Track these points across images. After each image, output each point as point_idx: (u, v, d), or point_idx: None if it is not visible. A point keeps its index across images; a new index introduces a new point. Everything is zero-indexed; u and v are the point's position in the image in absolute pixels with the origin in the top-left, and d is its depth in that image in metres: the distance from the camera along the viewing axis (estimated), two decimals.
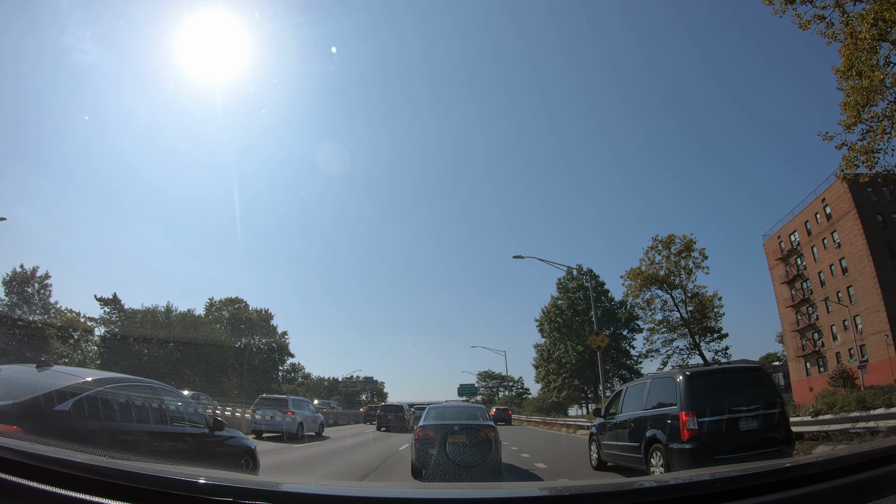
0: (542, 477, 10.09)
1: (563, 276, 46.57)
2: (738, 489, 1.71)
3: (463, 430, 9.20)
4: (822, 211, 56.18)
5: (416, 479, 9.09)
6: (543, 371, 47.79)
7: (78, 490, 1.61)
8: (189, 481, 1.67)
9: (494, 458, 9.00)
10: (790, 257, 61.46)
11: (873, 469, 1.83)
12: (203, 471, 2.06)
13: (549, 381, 46.67)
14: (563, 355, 44.08)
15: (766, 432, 7.78)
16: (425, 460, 8.99)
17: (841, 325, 53.30)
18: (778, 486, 1.71)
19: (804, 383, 57.55)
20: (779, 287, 63.48)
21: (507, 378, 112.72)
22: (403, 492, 2.37)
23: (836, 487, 1.74)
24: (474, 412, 10.87)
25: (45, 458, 1.76)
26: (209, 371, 55.65)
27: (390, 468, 11.32)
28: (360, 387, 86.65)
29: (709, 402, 7.79)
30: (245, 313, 66.29)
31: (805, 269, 58.88)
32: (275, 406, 19.91)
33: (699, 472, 2.09)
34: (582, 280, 45.43)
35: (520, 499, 1.96)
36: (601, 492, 1.82)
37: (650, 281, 40.23)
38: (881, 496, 1.73)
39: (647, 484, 2.01)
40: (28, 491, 1.64)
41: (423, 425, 9.64)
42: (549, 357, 46.71)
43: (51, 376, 4.72)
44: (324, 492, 1.89)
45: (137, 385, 5.48)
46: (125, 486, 1.62)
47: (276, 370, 67.02)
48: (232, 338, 65.87)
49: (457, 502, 1.94)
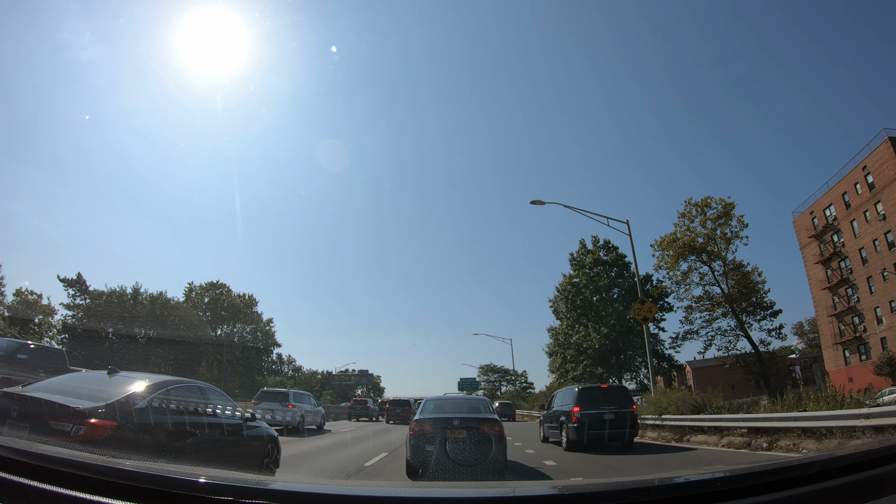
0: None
1: (577, 249, 41.14)
2: (737, 488, 1.71)
3: (464, 425, 8.59)
4: (862, 180, 50.53)
5: (413, 479, 8.41)
6: (559, 359, 41.68)
7: (79, 489, 1.61)
8: (189, 480, 1.69)
9: (499, 455, 8.38)
10: (825, 234, 55.81)
11: (873, 468, 1.81)
12: (203, 470, 2.11)
13: (565, 370, 40.95)
14: (584, 339, 38.32)
15: (619, 421, 13.87)
16: (422, 458, 8.32)
17: (887, 307, 47.73)
18: (777, 486, 1.71)
19: (842, 373, 51.83)
20: (812, 268, 57.82)
21: (510, 372, 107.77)
22: (403, 491, 2.42)
23: (835, 487, 1.73)
24: (476, 405, 10.25)
25: (46, 457, 1.78)
26: (182, 361, 49.86)
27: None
28: (354, 380, 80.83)
29: (588, 403, 14.14)
30: (227, 299, 60.44)
31: (843, 247, 53.24)
32: (275, 399, 20.19)
33: (699, 473, 2.24)
34: (599, 253, 39.65)
35: (520, 498, 2.00)
36: (601, 491, 1.88)
37: (687, 250, 34.47)
38: (881, 496, 1.71)
39: (647, 483, 1.91)
40: (29, 490, 1.64)
41: (420, 419, 8.91)
42: (566, 342, 40.80)
43: (122, 380, 6.10)
44: (323, 491, 1.92)
45: (189, 386, 7.18)
46: (126, 486, 1.62)
47: (261, 361, 61.10)
48: (212, 325, 60.13)
49: (456, 501, 1.95)
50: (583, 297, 39.32)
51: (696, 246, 34.53)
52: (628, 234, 21.95)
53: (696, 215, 36.88)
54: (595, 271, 39.23)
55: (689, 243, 34.49)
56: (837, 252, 53.92)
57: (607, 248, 39.54)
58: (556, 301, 43.19)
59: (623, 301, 37.65)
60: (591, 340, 36.85)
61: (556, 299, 42.70)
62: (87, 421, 5.03)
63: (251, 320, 61.31)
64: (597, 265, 39.88)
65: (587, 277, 38.80)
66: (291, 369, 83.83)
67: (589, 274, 39.53)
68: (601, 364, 37.36)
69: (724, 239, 36.08)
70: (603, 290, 37.93)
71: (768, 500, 1.65)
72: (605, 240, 39.70)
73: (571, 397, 14.70)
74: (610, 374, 37.99)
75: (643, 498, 1.74)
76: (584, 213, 22.19)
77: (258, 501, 1.57)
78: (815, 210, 57.19)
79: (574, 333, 39.39)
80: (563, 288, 40.74)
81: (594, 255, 39.76)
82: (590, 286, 38.21)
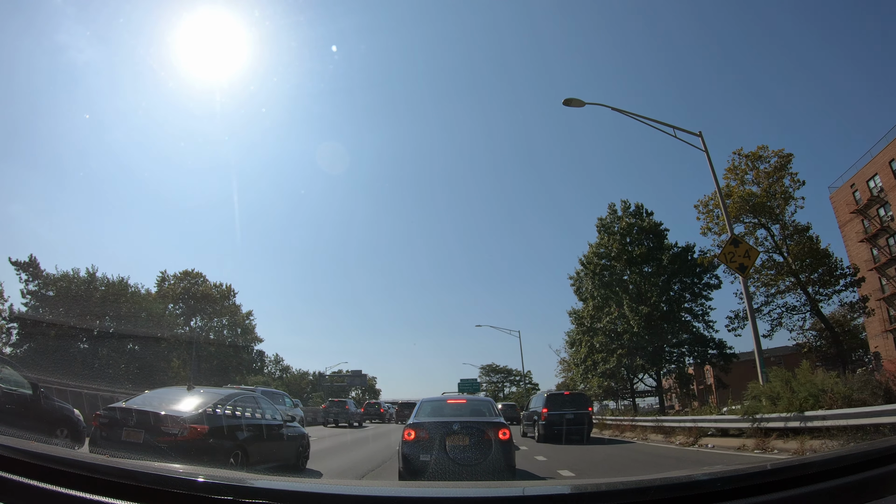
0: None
1: (606, 214, 34.58)
2: (737, 488, 1.70)
3: (466, 430, 7.41)
4: None
5: None
6: (585, 349, 34.71)
7: (79, 489, 1.60)
8: (189, 480, 1.67)
9: (506, 464, 7.32)
10: (870, 208, 49.93)
11: (873, 469, 1.80)
12: (203, 469, 2.07)
13: (594, 361, 33.64)
14: (619, 321, 31.46)
15: (578, 420, 18.09)
16: (417, 468, 7.20)
17: None
18: (777, 486, 1.70)
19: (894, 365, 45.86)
20: (854, 247, 51.82)
21: (513, 372, 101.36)
22: (405, 491, 2.47)
23: (835, 487, 1.72)
24: (479, 407, 8.85)
25: (46, 456, 1.75)
26: (146, 358, 43.29)
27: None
28: (346, 381, 74.26)
29: (554, 405, 18.74)
30: (201, 288, 53.85)
31: (892, 220, 47.38)
32: None
33: (699, 473, 2.15)
34: (632, 219, 33.16)
35: (520, 498, 1.94)
36: (601, 491, 1.89)
37: (745, 207, 28.35)
38: (881, 496, 1.70)
39: (647, 483, 1.92)
40: (29, 490, 1.63)
41: (415, 423, 7.68)
42: (592, 328, 33.94)
43: (201, 393, 7.80)
44: (323, 490, 1.89)
45: (247, 396, 9.10)
46: (126, 485, 1.61)
47: (239, 358, 54.40)
48: (185, 318, 53.57)
49: (456, 501, 1.92)
50: (614, 271, 32.89)
51: (755, 201, 28.40)
52: (703, 147, 15.87)
53: (746, 169, 30.86)
54: (629, 239, 32.70)
55: (745, 198, 28.36)
56: (885, 227, 48.06)
57: (640, 214, 33.17)
58: (578, 278, 36.51)
59: (661, 276, 31.33)
60: (629, 323, 30.23)
61: (579, 276, 35.91)
62: (189, 426, 6.71)
63: (228, 313, 54.64)
64: (630, 230, 33.26)
65: (619, 246, 32.33)
66: (279, 369, 77.29)
67: (621, 242, 32.98)
68: (639, 352, 30.69)
69: (783, 197, 30.02)
70: (639, 261, 31.52)
71: (768, 500, 1.64)
72: (636, 204, 33.50)
73: (542, 401, 19.75)
74: (652, 365, 31.36)
75: (643, 498, 1.73)
76: (642, 119, 16.05)
77: (258, 501, 1.57)
78: (857, 182, 51.37)
79: (604, 316, 32.99)
80: (588, 260, 34.12)
81: (624, 220, 33.23)
82: (622, 256, 31.74)
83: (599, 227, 34.66)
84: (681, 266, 31.02)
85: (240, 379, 50.34)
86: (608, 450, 15.55)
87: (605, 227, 34.45)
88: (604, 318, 32.82)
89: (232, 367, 51.16)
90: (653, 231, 32.64)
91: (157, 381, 41.23)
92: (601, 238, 34.16)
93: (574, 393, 22.37)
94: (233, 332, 57.65)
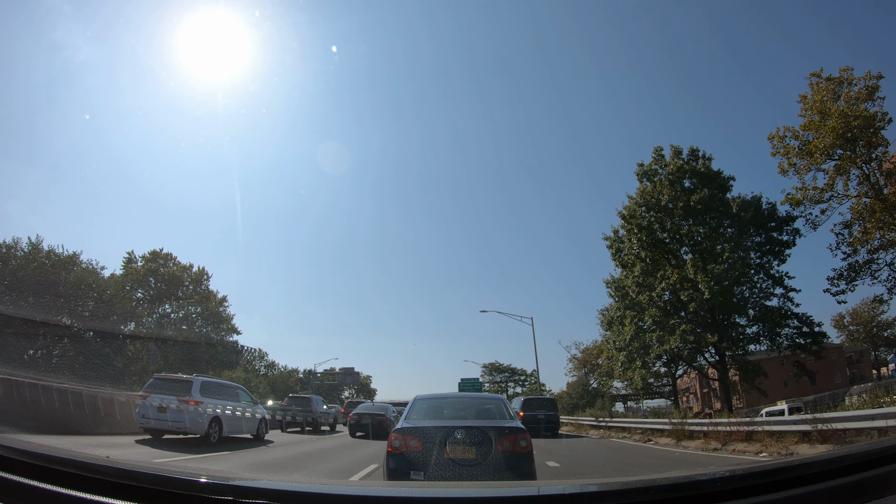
0: None
1: (650, 160, 27.43)
2: (738, 488, 1.70)
3: (470, 438, 5.52)
4: None
5: None
6: (631, 328, 27.39)
7: (79, 489, 1.58)
8: (189, 480, 1.66)
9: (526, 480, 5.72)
10: None
11: (873, 469, 1.78)
12: (203, 470, 2.09)
13: (642, 344, 26.89)
14: (682, 285, 24.26)
15: (547, 420, 25.04)
16: None
17: None
18: (778, 486, 1.69)
19: None
20: None
21: (518, 371, 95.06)
22: (402, 490, 2.42)
23: (835, 487, 1.71)
24: (487, 407, 7.13)
25: (47, 457, 1.73)
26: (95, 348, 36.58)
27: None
28: (337, 379, 67.48)
29: (529, 407, 25.67)
30: (170, 269, 47.10)
31: None
32: (171, 390, 13.96)
33: (699, 473, 2.11)
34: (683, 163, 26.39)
35: (520, 498, 1.93)
36: (601, 491, 1.91)
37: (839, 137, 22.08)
38: (881, 496, 1.69)
39: (647, 484, 1.88)
40: (30, 490, 1.61)
41: (404, 428, 5.87)
42: (634, 303, 26.99)
43: (380, 405, 22.61)
44: (323, 491, 1.89)
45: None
46: (126, 485, 1.60)
47: (213, 351, 47.56)
48: (150, 304, 46.85)
49: (456, 501, 1.91)
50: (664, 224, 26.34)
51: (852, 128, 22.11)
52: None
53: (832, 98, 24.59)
54: (679, 188, 26.02)
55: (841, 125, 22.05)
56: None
57: (695, 156, 26.26)
58: (615, 239, 29.22)
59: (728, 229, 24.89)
60: (696, 289, 23.41)
61: (617, 235, 28.99)
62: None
63: (200, 299, 47.80)
64: (682, 175, 26.46)
65: (670, 192, 25.67)
66: (264, 365, 70.40)
67: (672, 187, 26.34)
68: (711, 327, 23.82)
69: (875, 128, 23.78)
70: (700, 209, 24.98)
71: (769, 500, 1.64)
72: (690, 147, 26.80)
73: (520, 404, 26.17)
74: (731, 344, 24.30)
75: (643, 498, 1.73)
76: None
77: (258, 501, 1.56)
78: None
79: (657, 282, 25.89)
80: (630, 212, 27.00)
81: (674, 165, 26.48)
82: (678, 203, 25.16)
83: (640, 175, 27.71)
84: (754, 216, 24.63)
85: (213, 374, 43.69)
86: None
87: (647, 174, 27.69)
88: (657, 285, 26.07)
89: (203, 361, 44.34)
90: (713, 179, 26.10)
91: (105, 375, 34.73)
92: (644, 186, 27.63)
93: (545, 398, 30.45)
94: (208, 322, 50.92)
